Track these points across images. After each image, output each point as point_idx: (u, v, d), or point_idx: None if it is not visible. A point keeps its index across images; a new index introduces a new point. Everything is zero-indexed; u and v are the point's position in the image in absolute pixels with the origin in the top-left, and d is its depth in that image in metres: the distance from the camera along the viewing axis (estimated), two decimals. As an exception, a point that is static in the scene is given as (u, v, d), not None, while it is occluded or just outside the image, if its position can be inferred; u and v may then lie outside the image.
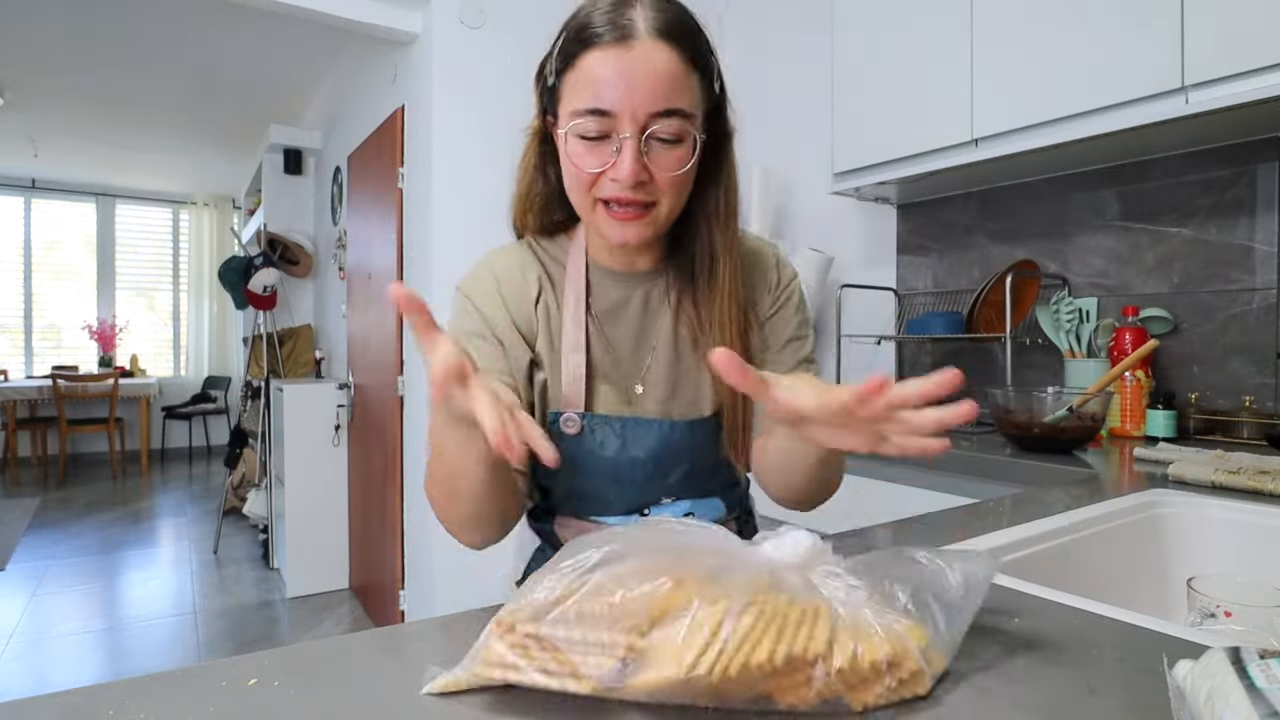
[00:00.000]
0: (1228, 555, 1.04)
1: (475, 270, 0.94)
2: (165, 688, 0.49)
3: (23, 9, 3.86)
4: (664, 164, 0.78)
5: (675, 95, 0.76)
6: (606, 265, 0.93)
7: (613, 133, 0.77)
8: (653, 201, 0.80)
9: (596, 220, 0.82)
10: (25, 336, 7.46)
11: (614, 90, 0.75)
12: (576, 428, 0.89)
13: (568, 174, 0.82)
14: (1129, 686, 0.49)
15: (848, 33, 2.30)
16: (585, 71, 0.76)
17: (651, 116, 0.76)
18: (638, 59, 0.75)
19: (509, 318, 0.89)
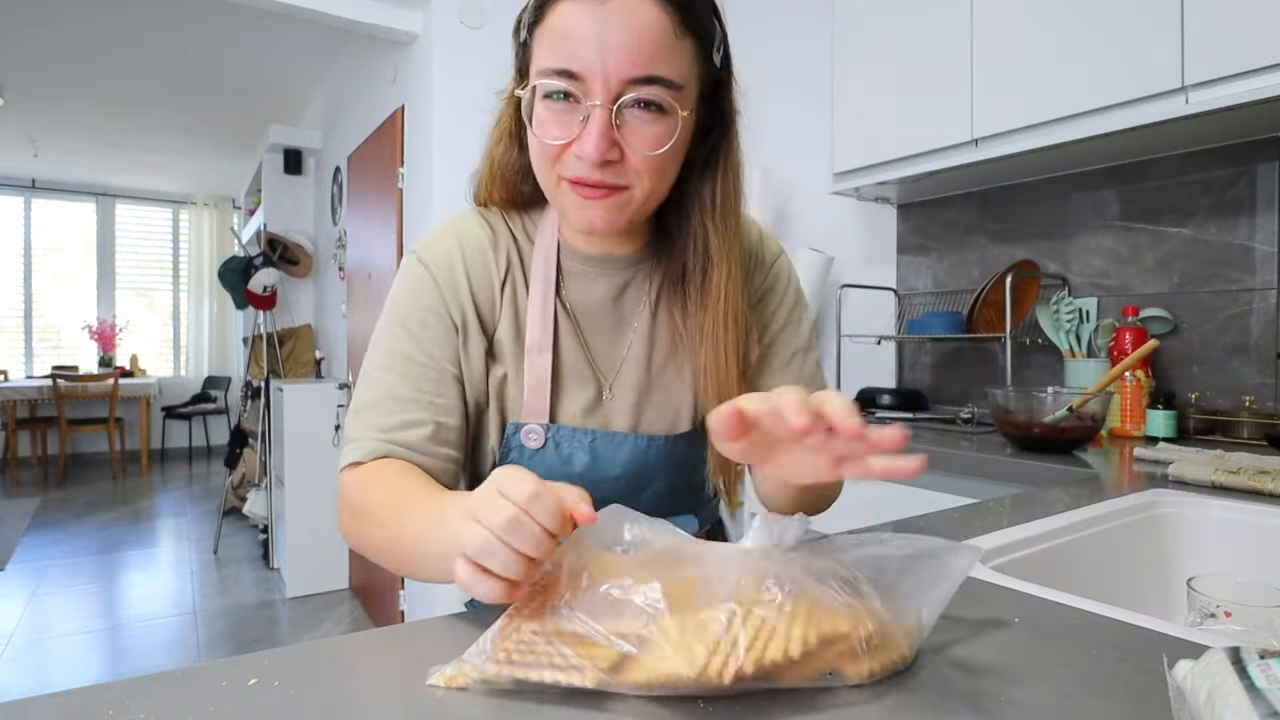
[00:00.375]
0: (1228, 555, 1.04)
1: (437, 236, 0.82)
2: (165, 688, 0.49)
3: (23, 9, 3.86)
4: (638, 141, 0.67)
5: (658, 60, 0.65)
6: (580, 248, 0.81)
7: (583, 99, 0.65)
8: (624, 185, 0.69)
9: (560, 199, 0.71)
10: (25, 336, 7.46)
11: (584, 48, 0.63)
12: (540, 440, 0.79)
13: (532, 145, 0.71)
14: (1129, 686, 0.49)
15: (847, 32, 2.30)
16: (554, 24, 0.65)
17: (627, 83, 0.64)
18: (615, 12, 0.63)
19: (471, 298, 0.78)
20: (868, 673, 0.49)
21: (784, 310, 0.88)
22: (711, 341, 0.77)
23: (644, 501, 0.83)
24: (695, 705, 0.47)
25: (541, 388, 0.78)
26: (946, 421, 2.08)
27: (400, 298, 0.79)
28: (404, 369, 0.75)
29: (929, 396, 2.42)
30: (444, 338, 0.77)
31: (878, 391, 2.36)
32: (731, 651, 0.45)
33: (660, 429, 0.84)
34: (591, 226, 0.70)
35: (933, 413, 2.25)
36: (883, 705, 0.47)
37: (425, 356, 0.76)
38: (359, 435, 0.75)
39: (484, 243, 0.80)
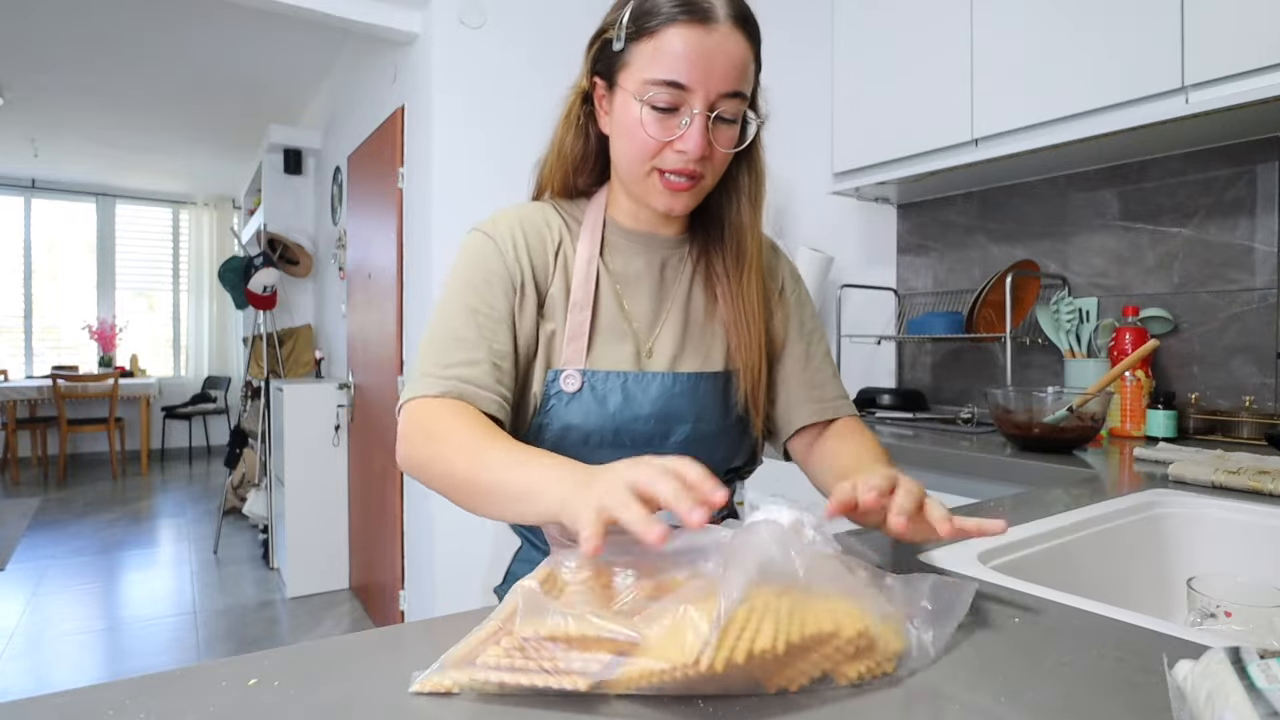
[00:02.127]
0: (1228, 555, 1.04)
1: (496, 215, 0.94)
2: (165, 687, 0.49)
3: (23, 9, 3.86)
4: (722, 141, 0.83)
5: (742, 79, 0.82)
6: (627, 226, 0.95)
7: (682, 106, 0.80)
8: (703, 174, 0.84)
9: (648, 187, 0.86)
10: (25, 336, 7.46)
11: (694, 68, 0.79)
12: (576, 384, 0.89)
13: (629, 138, 0.84)
14: (1129, 687, 0.49)
15: (848, 31, 2.30)
16: (665, 44, 0.79)
17: (721, 97, 0.81)
18: (718, 42, 0.79)
19: (529, 261, 0.90)
20: (855, 676, 0.49)
21: (809, 319, 1.04)
22: (744, 300, 0.93)
23: (672, 445, 0.92)
24: (695, 705, 0.47)
25: (580, 339, 0.90)
26: (946, 421, 2.08)
27: (463, 264, 0.91)
28: (467, 317, 0.86)
29: (929, 396, 2.42)
30: (503, 293, 0.88)
31: (878, 391, 2.36)
32: (722, 640, 0.45)
33: (696, 368, 0.96)
34: (673, 209, 0.87)
35: (933, 413, 2.25)
36: (882, 706, 0.47)
37: (486, 307, 0.87)
38: (425, 371, 0.83)
39: (539, 220, 0.93)
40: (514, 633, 0.49)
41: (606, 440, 0.90)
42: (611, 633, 0.46)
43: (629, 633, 0.46)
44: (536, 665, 0.47)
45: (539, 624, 0.48)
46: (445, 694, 0.48)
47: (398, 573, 3.11)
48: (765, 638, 0.46)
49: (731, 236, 0.94)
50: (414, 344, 2.94)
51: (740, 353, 0.94)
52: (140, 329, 8.00)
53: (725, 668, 0.45)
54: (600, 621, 0.47)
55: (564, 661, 0.47)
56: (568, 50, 3.07)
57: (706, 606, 0.46)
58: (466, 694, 0.48)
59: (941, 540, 0.69)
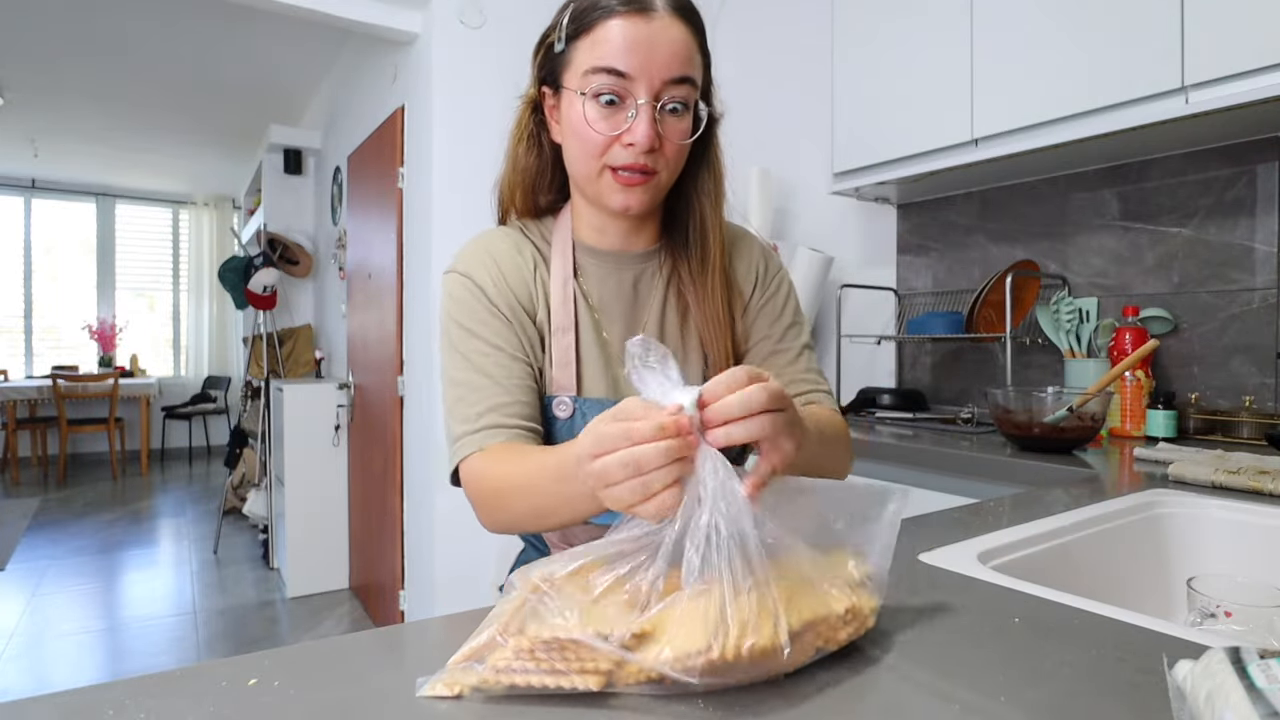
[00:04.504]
0: (1228, 555, 1.04)
1: (467, 251, 0.92)
2: (165, 688, 0.49)
3: (23, 9, 3.86)
4: (672, 132, 0.82)
5: (688, 65, 0.81)
6: (596, 246, 0.93)
7: (628, 98, 0.80)
8: (655, 169, 0.83)
9: (601, 186, 0.84)
10: (25, 336, 7.46)
11: (634, 55, 0.78)
12: (568, 411, 0.89)
13: (577, 137, 0.83)
14: (1129, 687, 0.49)
15: (847, 31, 2.30)
16: (604, 36, 0.79)
17: (666, 84, 0.79)
18: (658, 30, 0.79)
19: (510, 291, 0.89)
20: (845, 639, 0.52)
21: (789, 313, 1.00)
22: (709, 303, 0.92)
23: None
24: (695, 704, 0.47)
25: (567, 365, 0.89)
26: (946, 421, 2.08)
27: (451, 309, 0.89)
28: (475, 363, 0.86)
29: (929, 396, 2.42)
30: (500, 329, 0.87)
31: (878, 391, 2.36)
32: (726, 637, 0.46)
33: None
34: (628, 207, 0.84)
35: (933, 413, 2.25)
36: (881, 705, 0.47)
37: (489, 348, 0.86)
38: (457, 434, 0.83)
39: (509, 247, 0.92)
40: (523, 633, 0.49)
41: None
42: (616, 630, 0.47)
43: (634, 628, 0.47)
44: (548, 665, 0.47)
45: (546, 625, 0.48)
46: (455, 697, 0.48)
47: (398, 573, 3.11)
48: (766, 637, 0.47)
49: (695, 240, 0.93)
50: (414, 343, 2.94)
51: (714, 359, 0.94)
52: (140, 329, 8.00)
53: (733, 662, 0.46)
54: (604, 618, 0.47)
55: (575, 661, 0.47)
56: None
57: (706, 603, 0.47)
58: (472, 695, 0.48)
59: None
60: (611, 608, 0.49)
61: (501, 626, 0.50)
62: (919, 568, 0.76)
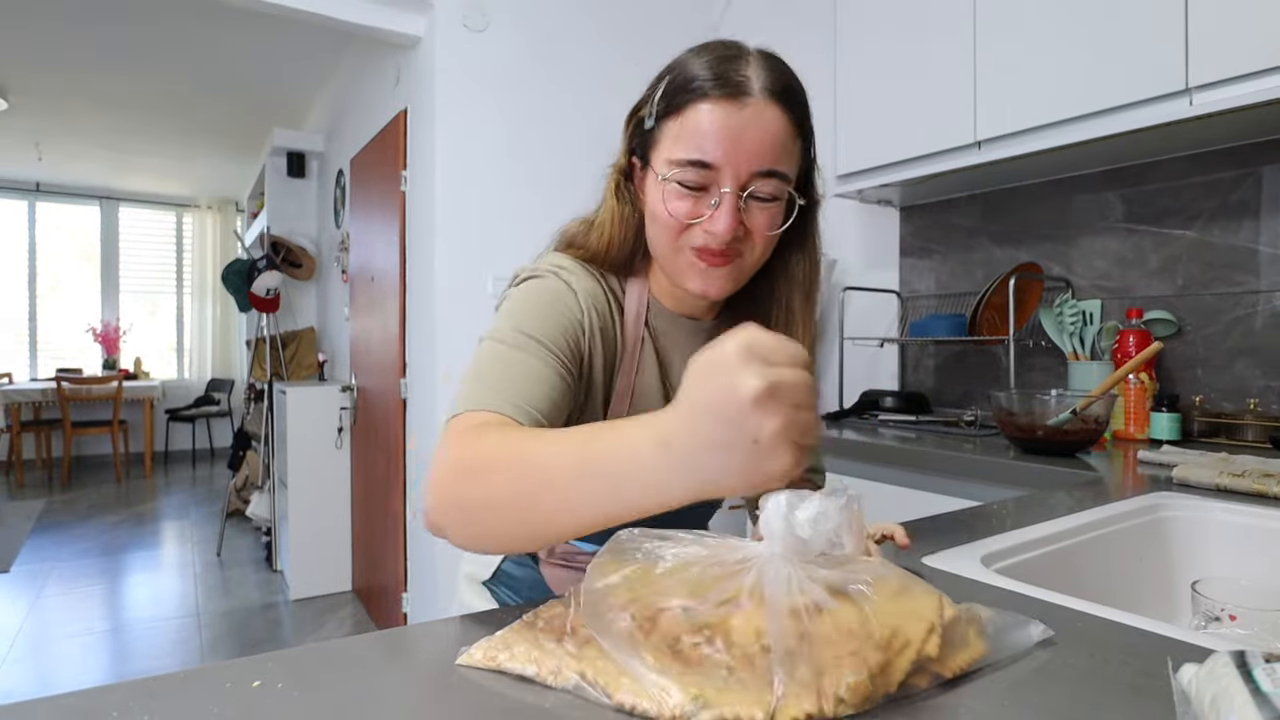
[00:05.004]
0: (1232, 558, 1.04)
1: (561, 262, 0.85)
2: (169, 689, 0.49)
3: (27, 13, 3.87)
4: (758, 223, 0.77)
5: (779, 157, 0.76)
6: (670, 308, 0.90)
7: (712, 185, 0.75)
8: (740, 252, 0.79)
9: (679, 266, 0.80)
10: (30, 339, 7.48)
11: (720, 145, 0.73)
12: None
13: (657, 218, 0.79)
14: (1133, 690, 0.49)
15: (850, 34, 2.30)
16: (692, 122, 0.75)
17: (753, 175, 0.75)
18: (749, 118, 0.74)
19: (593, 315, 0.82)
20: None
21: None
22: None
23: (664, 518, 0.83)
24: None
25: (624, 401, 0.86)
26: (949, 424, 2.08)
27: (535, 296, 0.80)
28: (535, 351, 0.75)
29: (932, 399, 2.42)
30: (572, 337, 0.79)
31: (880, 394, 2.36)
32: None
33: None
34: (707, 291, 0.80)
35: (935, 415, 2.25)
36: (884, 710, 0.47)
37: (557, 346, 0.77)
38: (469, 395, 0.71)
39: (595, 286, 0.85)
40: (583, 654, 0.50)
41: None
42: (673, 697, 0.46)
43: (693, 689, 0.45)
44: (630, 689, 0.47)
45: (602, 660, 0.49)
46: (452, 694, 0.48)
47: (400, 575, 3.11)
48: (848, 689, 0.46)
49: (779, 320, 0.87)
50: (417, 346, 2.94)
51: None
52: (144, 332, 8.01)
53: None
54: (669, 686, 0.46)
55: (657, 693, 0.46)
56: (570, 53, 3.08)
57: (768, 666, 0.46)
58: (472, 696, 0.48)
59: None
60: (687, 657, 0.48)
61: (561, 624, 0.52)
62: (923, 570, 0.75)
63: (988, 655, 0.53)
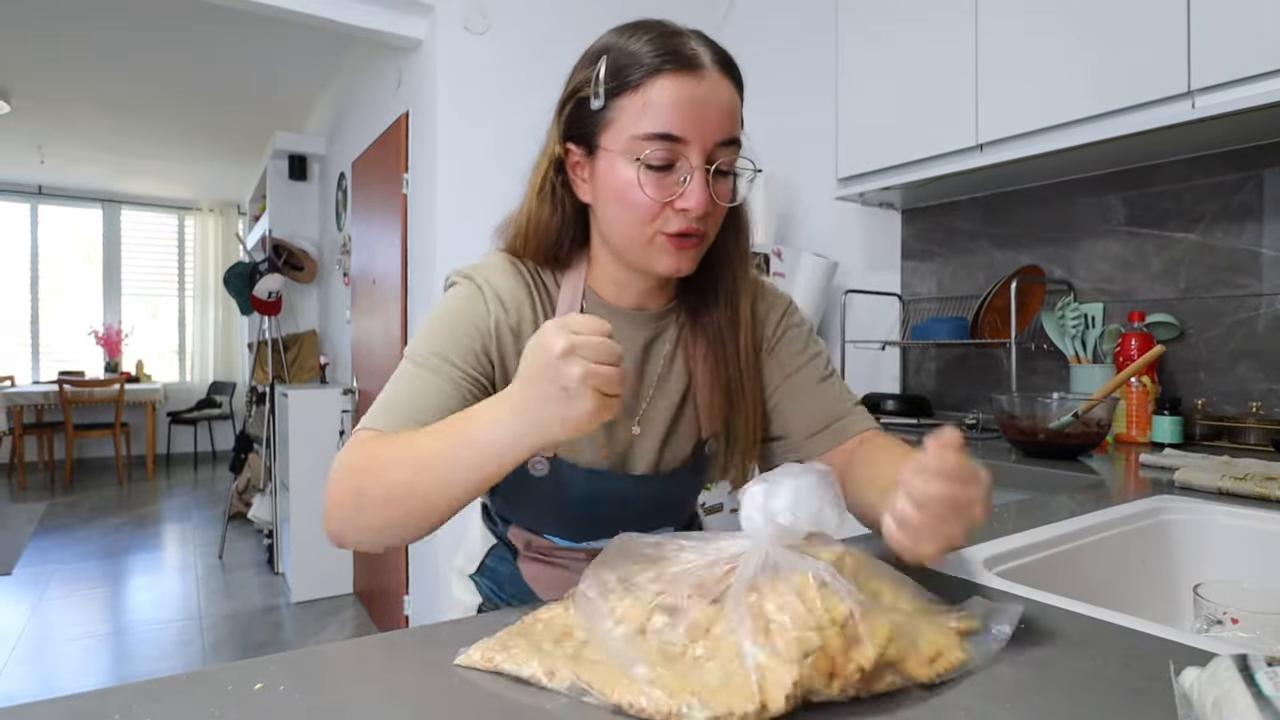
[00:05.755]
0: (1234, 562, 1.04)
1: (483, 265, 0.87)
2: (171, 692, 0.49)
3: (29, 16, 3.88)
4: (723, 194, 0.78)
5: (735, 126, 0.77)
6: (611, 302, 0.88)
7: (679, 161, 0.75)
8: (706, 231, 0.79)
9: (650, 252, 0.79)
10: (32, 342, 7.49)
11: (687, 118, 0.74)
12: (544, 470, 0.86)
13: (623, 203, 0.77)
14: (1135, 693, 0.49)
15: (851, 37, 2.30)
16: (653, 97, 0.74)
17: (717, 146, 0.76)
18: (709, 89, 0.75)
19: (509, 324, 0.84)
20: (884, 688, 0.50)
21: (797, 354, 0.94)
22: (739, 362, 0.88)
23: (629, 521, 0.85)
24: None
25: None
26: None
27: (446, 308, 0.84)
28: (437, 368, 0.79)
29: (933, 402, 2.41)
30: (477, 349, 0.82)
31: (882, 397, 2.36)
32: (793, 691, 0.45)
33: (672, 465, 0.91)
34: (679, 270, 0.80)
35: (937, 418, 2.25)
36: (885, 710, 0.47)
37: (459, 359, 0.80)
38: (372, 414, 0.77)
39: (518, 284, 0.86)
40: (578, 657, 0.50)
41: (571, 515, 0.91)
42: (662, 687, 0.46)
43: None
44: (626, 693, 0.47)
45: (588, 663, 0.49)
46: (453, 695, 0.48)
47: (402, 578, 3.11)
48: (834, 689, 0.47)
49: (726, 302, 0.88)
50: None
51: (726, 428, 0.89)
52: (146, 334, 8.02)
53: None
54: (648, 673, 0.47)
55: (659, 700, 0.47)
56: (571, 55, 3.08)
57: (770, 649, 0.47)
58: (481, 687, 0.48)
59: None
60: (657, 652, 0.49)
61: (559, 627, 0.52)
62: (924, 573, 0.75)
63: (969, 660, 0.52)
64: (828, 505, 0.53)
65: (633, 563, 0.57)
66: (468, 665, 0.53)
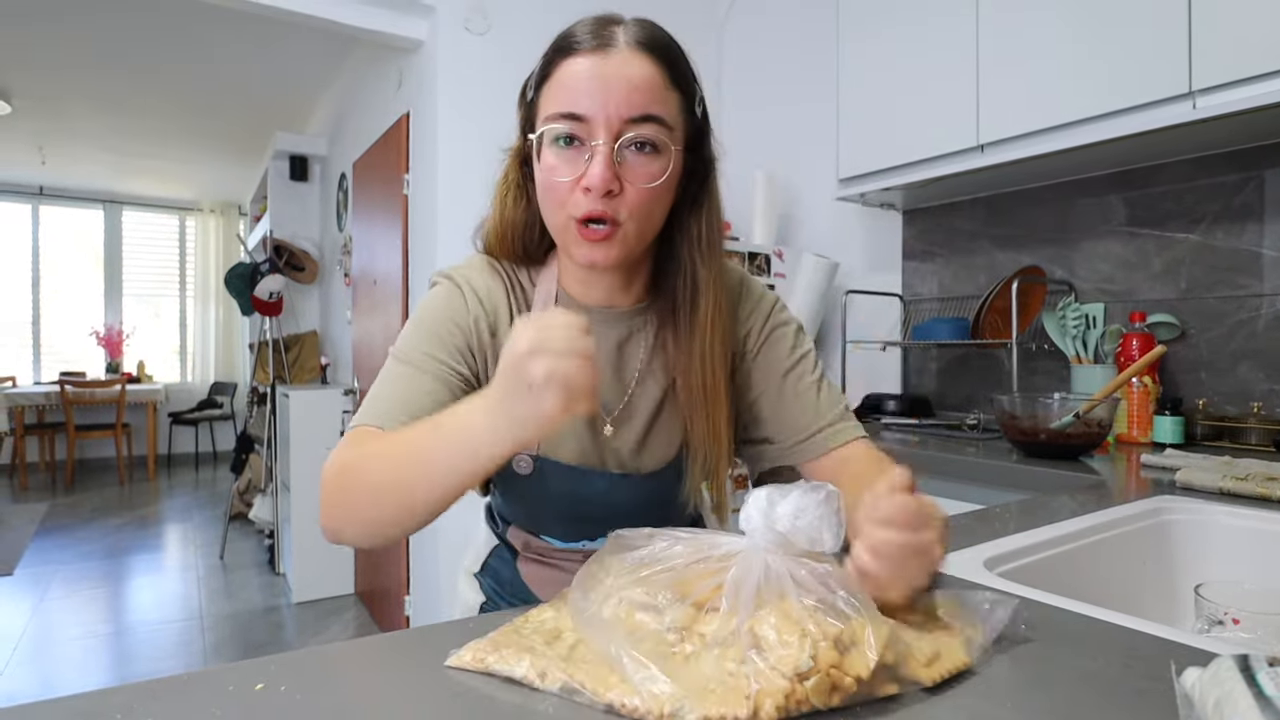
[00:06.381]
0: (1236, 562, 1.03)
1: (463, 266, 0.89)
2: (172, 692, 0.49)
3: (31, 16, 3.89)
4: (637, 175, 0.74)
5: (652, 103, 0.74)
6: (581, 300, 0.87)
7: (587, 139, 0.74)
8: (619, 220, 0.75)
9: (567, 239, 0.78)
10: (33, 342, 7.49)
11: (588, 95, 0.73)
12: (528, 468, 0.86)
13: (541, 188, 0.78)
14: (1136, 694, 0.49)
15: (852, 38, 2.30)
16: (560, 77, 0.75)
17: (626, 123, 0.73)
18: (614, 65, 0.73)
19: (488, 325, 0.85)
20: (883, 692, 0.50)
21: (798, 346, 0.93)
22: (701, 362, 0.83)
23: (619, 522, 0.85)
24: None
25: None
26: (952, 428, 2.08)
27: (428, 307, 0.85)
28: (422, 364, 0.80)
29: (934, 403, 2.41)
30: (461, 345, 0.83)
31: (883, 398, 2.36)
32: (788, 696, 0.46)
33: (652, 465, 0.90)
34: (593, 261, 0.77)
35: (938, 419, 2.25)
36: (887, 711, 0.47)
37: (443, 355, 0.81)
38: (362, 411, 0.78)
39: (495, 284, 0.87)
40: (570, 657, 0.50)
41: (558, 513, 0.91)
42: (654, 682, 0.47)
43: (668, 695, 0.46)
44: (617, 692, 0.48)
45: (582, 664, 0.50)
46: (455, 695, 0.48)
47: (403, 578, 3.11)
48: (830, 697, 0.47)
49: (684, 295, 0.84)
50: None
51: (694, 434, 0.85)
52: (147, 335, 8.03)
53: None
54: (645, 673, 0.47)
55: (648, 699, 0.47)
56: (573, 57, 3.08)
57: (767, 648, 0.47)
58: (483, 690, 0.48)
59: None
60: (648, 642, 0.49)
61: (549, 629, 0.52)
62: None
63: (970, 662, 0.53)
64: (827, 528, 0.53)
65: (624, 561, 0.57)
66: (459, 666, 0.53)
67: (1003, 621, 0.56)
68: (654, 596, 0.52)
